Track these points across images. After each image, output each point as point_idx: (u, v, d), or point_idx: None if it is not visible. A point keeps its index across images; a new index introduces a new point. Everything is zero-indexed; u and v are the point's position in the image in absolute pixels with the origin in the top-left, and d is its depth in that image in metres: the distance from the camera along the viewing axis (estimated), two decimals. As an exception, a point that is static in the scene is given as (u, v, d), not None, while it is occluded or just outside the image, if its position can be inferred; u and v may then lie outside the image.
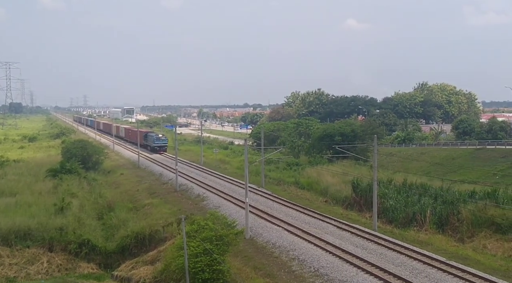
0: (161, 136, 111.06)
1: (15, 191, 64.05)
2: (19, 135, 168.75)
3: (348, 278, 31.97)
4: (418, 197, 52.39)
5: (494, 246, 41.77)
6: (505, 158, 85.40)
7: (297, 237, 41.60)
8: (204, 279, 35.85)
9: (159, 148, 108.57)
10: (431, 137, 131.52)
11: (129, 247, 49.63)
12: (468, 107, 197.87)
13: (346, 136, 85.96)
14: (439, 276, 31.97)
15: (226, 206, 53.21)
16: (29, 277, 44.71)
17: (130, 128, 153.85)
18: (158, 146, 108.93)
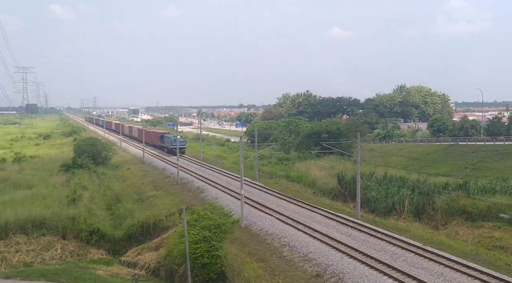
0: (179, 138, 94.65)
1: (31, 184, 64.07)
2: (35, 134, 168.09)
3: (334, 262, 32.02)
4: (397, 189, 52.64)
5: (465, 233, 42.03)
6: (475, 153, 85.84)
7: (287, 225, 41.63)
8: (204, 264, 35.88)
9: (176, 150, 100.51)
10: (408, 134, 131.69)
11: (135, 235, 49.74)
12: (442, 107, 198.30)
13: (332, 133, 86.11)
14: (416, 260, 32.08)
15: (223, 198, 53.18)
16: (45, 262, 44.85)
17: (144, 129, 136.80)
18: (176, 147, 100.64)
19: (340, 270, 30.72)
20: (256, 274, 32.31)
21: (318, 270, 31.66)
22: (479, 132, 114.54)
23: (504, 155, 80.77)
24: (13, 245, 45.90)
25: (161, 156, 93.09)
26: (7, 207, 50.92)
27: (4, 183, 65.48)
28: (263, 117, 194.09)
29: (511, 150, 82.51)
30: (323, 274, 30.99)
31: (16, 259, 44.58)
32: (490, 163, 77.10)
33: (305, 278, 30.98)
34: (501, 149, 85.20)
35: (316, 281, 30.38)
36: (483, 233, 41.29)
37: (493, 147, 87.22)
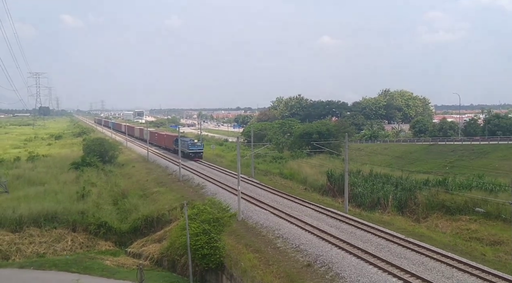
0: (196, 141, 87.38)
1: (44, 181, 64.09)
2: (47, 134, 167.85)
3: (324, 253, 32.06)
4: (382, 185, 52.75)
5: (444, 225, 42.18)
6: (453, 152, 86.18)
7: (281, 219, 41.63)
8: (203, 255, 35.90)
9: (194, 155, 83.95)
10: (392, 135, 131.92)
11: (140, 228, 49.79)
12: (423, 109, 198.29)
13: (322, 134, 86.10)
14: (399, 250, 32.14)
15: (222, 193, 53.15)
16: (56, 253, 44.92)
17: (156, 131, 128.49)
18: (194, 152, 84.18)
19: (329, 260, 30.76)
20: (252, 264, 32.33)
21: (309, 260, 31.71)
22: (456, 133, 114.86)
23: (479, 154, 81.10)
24: (27, 237, 45.95)
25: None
26: (22, 202, 51.02)
27: (18, 180, 65.62)
28: (259, 119, 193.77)
29: (486, 150, 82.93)
30: (313, 263, 31.04)
31: (30, 250, 44.63)
32: (467, 161, 77.39)
33: (297, 268, 31.02)
34: (477, 148, 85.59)
35: (307, 270, 30.42)
36: (460, 226, 41.46)
37: (470, 147, 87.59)
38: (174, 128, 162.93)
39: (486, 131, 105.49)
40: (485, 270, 27.68)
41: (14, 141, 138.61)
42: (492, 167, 67.34)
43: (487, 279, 26.29)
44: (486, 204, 40.96)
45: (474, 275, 27.09)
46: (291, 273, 30.14)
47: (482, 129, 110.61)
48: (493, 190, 46.42)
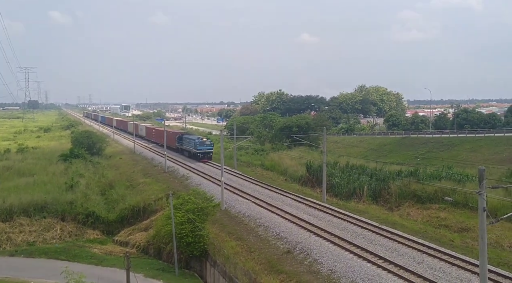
0: (205, 140, 72.75)
1: (33, 172, 63.40)
2: (36, 127, 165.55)
3: (303, 240, 32.26)
4: (357, 176, 53.06)
5: (415, 213, 42.54)
6: (424, 144, 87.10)
7: (262, 208, 41.74)
8: (188, 242, 35.92)
9: (202, 155, 70.35)
10: (367, 128, 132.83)
11: (127, 217, 49.63)
12: (397, 104, 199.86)
13: (301, 127, 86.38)
14: (374, 237, 32.46)
15: (206, 184, 53.07)
16: (46, 241, 44.74)
17: (155, 127, 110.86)
18: (202, 152, 70.32)
19: (308, 247, 30.96)
20: (234, 251, 32.40)
21: (289, 247, 31.88)
22: (427, 126, 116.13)
23: (448, 146, 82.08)
24: (17, 226, 45.69)
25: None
26: (12, 193, 50.53)
27: (8, 171, 64.82)
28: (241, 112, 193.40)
29: (454, 142, 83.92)
30: (293, 250, 31.21)
31: (20, 239, 44.37)
32: (437, 153, 78.19)
33: (278, 254, 31.16)
34: (446, 141, 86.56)
35: (287, 256, 30.58)
36: (430, 214, 41.84)
37: (440, 140, 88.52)
38: (159, 122, 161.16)
39: (455, 124, 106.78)
40: (453, 255, 28.12)
41: (4, 134, 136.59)
42: (460, 158, 68.30)
43: (455, 264, 26.72)
44: (454, 193, 41.42)
45: (443, 260, 27.50)
46: (271, 259, 30.28)
47: (451, 122, 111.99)
48: (461, 180, 46.95)
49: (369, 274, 25.73)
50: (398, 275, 25.32)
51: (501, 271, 25.28)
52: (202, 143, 70.64)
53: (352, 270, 26.59)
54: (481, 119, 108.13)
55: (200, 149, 69.75)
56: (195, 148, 70.75)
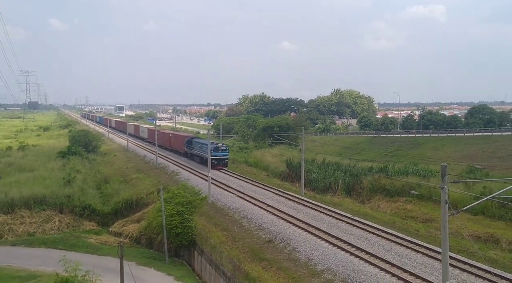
0: (220, 145, 60.61)
1: (33, 168, 62.92)
2: (36, 126, 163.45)
3: (283, 230, 32.34)
4: (333, 172, 53.38)
5: (385, 206, 42.98)
6: (393, 143, 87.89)
7: (246, 201, 41.73)
8: (177, 233, 35.86)
9: (217, 162, 58.02)
10: (342, 128, 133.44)
11: (120, 210, 49.45)
12: (368, 106, 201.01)
13: (282, 127, 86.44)
14: (347, 227, 32.66)
15: (194, 179, 52.87)
16: (45, 232, 44.60)
17: (160, 130, 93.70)
18: (217, 159, 58.19)
19: (287, 237, 31.05)
20: (220, 240, 32.38)
21: (270, 236, 31.93)
22: (396, 126, 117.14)
23: (415, 145, 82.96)
24: (18, 218, 45.47)
25: (144, 146, 76.39)
26: (13, 187, 50.19)
27: (10, 167, 64.32)
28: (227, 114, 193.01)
29: (420, 141, 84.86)
30: (274, 240, 31.27)
31: (21, 229, 44.13)
32: (404, 151, 78.99)
33: (260, 243, 31.21)
34: (413, 140, 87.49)
35: (268, 245, 30.63)
36: (398, 206, 42.31)
37: (407, 139, 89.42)
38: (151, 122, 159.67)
39: (421, 125, 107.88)
40: (419, 243, 28.45)
41: (6, 132, 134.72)
42: (425, 156, 68.97)
43: (419, 251, 27.04)
44: (420, 187, 41.94)
45: (409, 248, 27.81)
46: (254, 248, 30.32)
47: (417, 123, 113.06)
48: (426, 175, 47.58)
49: (342, 261, 25.92)
50: (369, 262, 25.54)
51: (461, 258, 25.66)
52: (217, 149, 59.02)
53: (327, 257, 26.75)
54: (443, 120, 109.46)
55: (215, 155, 57.82)
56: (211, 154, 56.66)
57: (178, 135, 78.84)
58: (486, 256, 26.03)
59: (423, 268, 24.49)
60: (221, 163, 58.53)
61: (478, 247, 27.11)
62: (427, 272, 23.91)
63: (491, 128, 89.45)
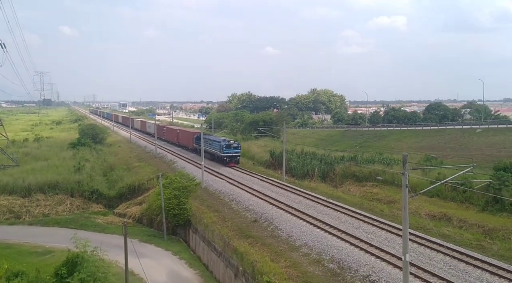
0: (232, 142, 54.56)
1: (47, 157, 62.53)
2: (49, 121, 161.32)
3: (267, 211, 32.45)
4: (310, 160, 53.53)
5: (354, 190, 43.36)
6: (362, 135, 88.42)
7: (234, 186, 41.74)
8: (174, 214, 35.80)
9: (229, 159, 52.70)
10: (318, 123, 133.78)
11: (124, 194, 49.25)
12: (341, 104, 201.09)
13: (266, 122, 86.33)
14: (322, 208, 32.90)
15: (189, 167, 52.65)
16: (58, 213, 44.57)
17: (166, 125, 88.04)
18: (229, 156, 52.75)
19: (270, 217, 31.17)
20: (212, 220, 32.36)
21: (256, 217, 32.02)
22: (364, 121, 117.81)
23: (380, 137, 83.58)
24: (34, 201, 45.24)
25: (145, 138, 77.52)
26: (30, 174, 49.81)
27: (27, 156, 63.90)
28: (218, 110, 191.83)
29: (385, 134, 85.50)
30: (259, 219, 31.37)
31: (37, 211, 43.90)
32: (371, 143, 79.55)
33: (247, 223, 31.29)
34: (378, 133, 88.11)
35: (254, 224, 30.73)
36: (366, 190, 42.71)
37: (374, 132, 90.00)
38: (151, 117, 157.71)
39: (385, 120, 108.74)
40: (383, 221, 28.81)
41: (23, 126, 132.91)
42: (389, 147, 69.65)
43: (384, 228, 27.38)
44: (384, 174, 42.32)
45: (375, 225, 28.14)
46: (242, 227, 30.38)
47: (383, 118, 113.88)
48: (389, 163, 48.05)
49: (318, 237, 26.11)
50: (340, 238, 25.79)
51: (419, 233, 26.06)
52: (229, 146, 52.98)
53: (305, 234, 26.93)
54: (405, 116, 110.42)
55: (227, 153, 52.61)
56: (221, 151, 53.24)
57: (186, 131, 71.04)
58: (440, 232, 26.48)
59: (386, 243, 24.83)
60: (233, 160, 52.85)
61: (433, 225, 27.56)
62: (390, 246, 24.23)
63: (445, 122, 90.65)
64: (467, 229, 28.88)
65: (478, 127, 71.64)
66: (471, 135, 67.62)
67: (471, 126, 74.77)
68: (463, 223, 30.29)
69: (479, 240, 25.55)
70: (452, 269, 20.92)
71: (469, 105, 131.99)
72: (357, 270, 21.27)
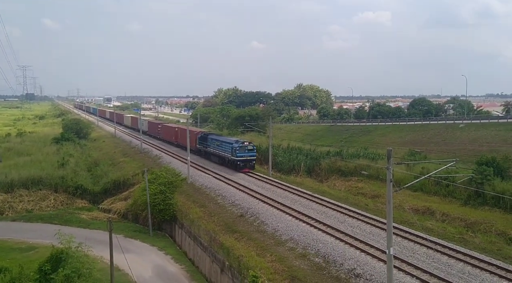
0: (246, 144, 45.66)
1: (31, 152, 61.86)
2: (32, 115, 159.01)
3: (253, 206, 32.49)
4: (296, 155, 53.74)
5: (340, 184, 43.63)
6: (347, 131, 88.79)
7: (220, 181, 41.67)
8: (160, 209, 35.59)
9: (243, 164, 45.01)
10: (304, 118, 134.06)
11: (109, 189, 48.88)
12: (326, 99, 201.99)
13: (252, 117, 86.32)
14: (308, 203, 33.07)
15: (175, 162, 52.39)
16: (42, 209, 44.14)
17: (162, 122, 79.87)
18: (243, 160, 44.94)
19: (257, 211, 31.22)
20: (198, 215, 32.28)
21: (242, 212, 32.05)
22: (350, 116, 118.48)
23: (366, 132, 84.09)
24: (17, 196, 44.72)
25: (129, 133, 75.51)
26: (13, 169, 49.33)
27: (10, 152, 63.12)
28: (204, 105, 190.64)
29: (370, 129, 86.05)
30: (245, 214, 31.41)
31: (20, 207, 43.36)
32: (356, 138, 79.99)
33: (233, 217, 31.29)
34: (363, 128, 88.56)
35: (240, 219, 30.76)
36: (351, 184, 43.01)
37: (359, 127, 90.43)
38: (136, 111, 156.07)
39: (370, 115, 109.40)
40: (368, 216, 29.10)
41: (5, 121, 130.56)
42: (374, 141, 70.11)
43: (369, 222, 27.68)
44: (369, 168, 42.69)
45: (360, 220, 28.42)
46: (228, 222, 30.37)
47: (368, 114, 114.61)
48: (374, 158, 48.47)
49: (304, 232, 26.26)
50: (326, 232, 25.97)
51: (403, 227, 26.41)
52: (243, 148, 44.86)
53: (291, 229, 27.06)
54: (389, 111, 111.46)
55: (241, 156, 44.66)
56: (233, 154, 45.07)
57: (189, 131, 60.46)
58: (423, 225, 26.86)
59: (371, 237, 25.10)
60: (248, 165, 45.02)
61: (417, 218, 27.95)
62: (374, 239, 24.51)
63: (429, 117, 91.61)
64: (450, 223, 29.36)
65: (461, 122, 72.67)
66: (454, 130, 68.55)
67: (454, 121, 75.78)
68: (446, 216, 30.77)
69: (462, 234, 26.04)
70: (435, 262, 21.27)
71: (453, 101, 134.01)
72: (342, 264, 21.47)
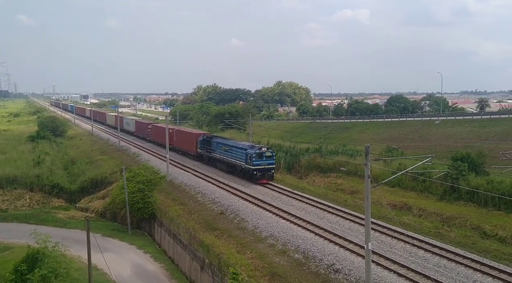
0: (264, 149, 38.12)
1: (5, 151, 60.43)
2: (6, 113, 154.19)
3: (233, 204, 32.47)
4: (276, 152, 53.60)
5: (319, 181, 43.76)
6: (326, 127, 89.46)
7: (200, 178, 41.48)
8: (139, 208, 35.23)
9: (261, 174, 37.71)
10: (284, 115, 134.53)
11: (86, 188, 48.19)
12: (306, 96, 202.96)
13: (232, 114, 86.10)
14: (288, 200, 33.22)
15: (153, 160, 51.84)
16: (17, 208, 43.38)
17: (152, 123, 72.08)
18: (261, 169, 37.61)
19: (237, 209, 31.20)
20: (177, 213, 32.06)
21: (222, 209, 31.98)
22: (329, 113, 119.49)
23: (344, 129, 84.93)
24: None
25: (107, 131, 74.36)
26: (-15, 168, 47.64)
27: (-18, 151, 60.71)
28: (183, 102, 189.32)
29: (348, 126, 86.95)
30: (225, 212, 31.36)
31: (-6, 207, 42.19)
32: (335, 134, 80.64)
33: (213, 215, 31.20)
34: (342, 125, 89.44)
35: (220, 217, 30.69)
36: (330, 181, 43.19)
37: (337, 124, 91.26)
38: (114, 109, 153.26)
39: (349, 112, 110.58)
40: (347, 211, 29.45)
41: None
42: (352, 138, 70.81)
43: (347, 218, 28.01)
44: (348, 164, 42.99)
45: (339, 215, 28.74)
46: (208, 219, 30.27)
47: (346, 111, 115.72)
48: (353, 154, 48.85)
49: (284, 228, 26.38)
50: (306, 228, 26.16)
51: (381, 222, 26.83)
52: (261, 155, 37.56)
53: (271, 225, 27.15)
54: (367, 108, 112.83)
55: (258, 165, 37.42)
56: (249, 162, 37.82)
57: (185, 132, 53.96)
58: (401, 221, 27.35)
59: (350, 232, 25.41)
60: (266, 175, 37.99)
61: (394, 214, 28.41)
62: (353, 235, 24.82)
63: (405, 114, 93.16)
64: (426, 218, 29.91)
65: (437, 119, 74.17)
66: (430, 126, 69.91)
67: (430, 118, 77.28)
68: (423, 211, 31.33)
69: (438, 228, 26.62)
70: (412, 256, 21.69)
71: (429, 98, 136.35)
72: (322, 259, 21.67)
